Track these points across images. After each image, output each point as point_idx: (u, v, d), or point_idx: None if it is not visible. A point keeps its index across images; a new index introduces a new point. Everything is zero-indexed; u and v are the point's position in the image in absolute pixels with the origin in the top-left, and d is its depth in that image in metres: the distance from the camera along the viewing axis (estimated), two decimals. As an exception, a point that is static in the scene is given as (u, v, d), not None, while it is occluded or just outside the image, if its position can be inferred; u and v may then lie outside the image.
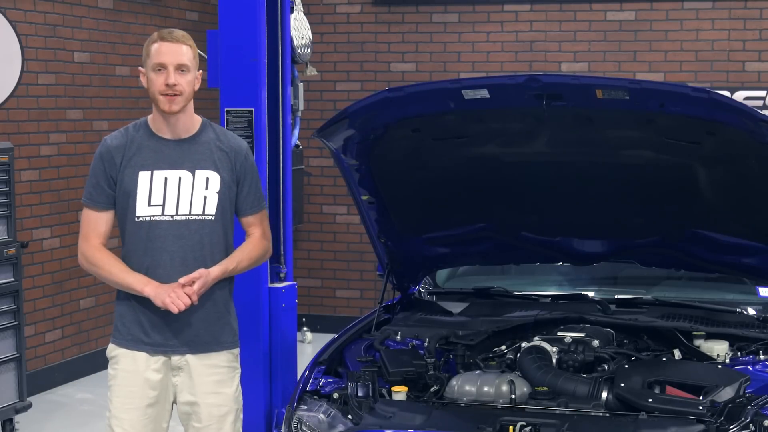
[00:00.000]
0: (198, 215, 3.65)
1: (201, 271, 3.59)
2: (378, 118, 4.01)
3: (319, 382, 3.94)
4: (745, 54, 8.16)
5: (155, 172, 3.63)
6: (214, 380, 3.73)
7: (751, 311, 4.46)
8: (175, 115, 3.65)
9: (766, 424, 3.32)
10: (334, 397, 3.77)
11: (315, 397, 3.84)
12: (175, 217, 3.63)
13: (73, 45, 7.30)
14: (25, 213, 6.84)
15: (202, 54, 5.34)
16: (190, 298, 3.55)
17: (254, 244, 3.80)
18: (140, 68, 3.69)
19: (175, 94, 3.60)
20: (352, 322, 4.63)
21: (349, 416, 3.63)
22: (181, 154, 3.66)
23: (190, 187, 3.64)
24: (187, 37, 3.69)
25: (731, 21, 8.16)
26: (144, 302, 3.62)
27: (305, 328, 8.54)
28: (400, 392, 3.74)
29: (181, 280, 3.57)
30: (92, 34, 7.48)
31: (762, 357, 3.94)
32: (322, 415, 3.70)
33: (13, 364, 5.92)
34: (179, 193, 3.64)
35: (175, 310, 3.53)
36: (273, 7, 4.92)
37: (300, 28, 5.19)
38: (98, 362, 7.54)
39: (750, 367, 3.84)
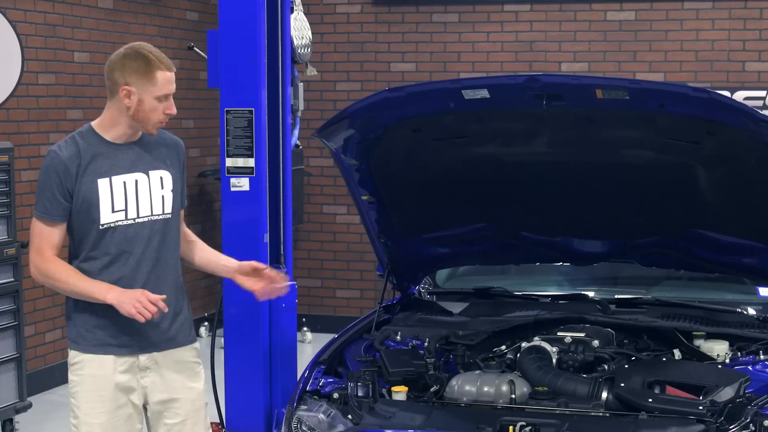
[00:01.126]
0: (159, 215, 3.69)
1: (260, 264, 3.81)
2: (378, 118, 4.02)
3: (319, 382, 3.94)
4: (745, 54, 8.16)
5: (113, 177, 3.63)
6: (185, 376, 3.76)
7: (751, 311, 4.46)
8: None
9: (766, 424, 3.32)
10: (334, 397, 3.77)
11: (315, 397, 3.84)
12: (137, 220, 3.65)
13: (73, 45, 7.30)
14: (25, 213, 6.83)
15: (202, 54, 5.34)
16: (156, 306, 3.51)
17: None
18: (129, 87, 3.57)
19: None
20: (352, 322, 4.63)
21: (349, 416, 3.63)
22: (133, 157, 3.68)
23: (147, 188, 3.68)
24: None
25: (731, 21, 8.16)
26: (108, 305, 3.59)
27: (305, 328, 8.54)
28: (400, 392, 3.74)
29: (254, 265, 3.83)
30: (92, 34, 7.48)
31: (762, 357, 3.94)
32: (322, 415, 3.70)
33: (13, 364, 5.92)
34: (138, 196, 3.66)
35: (141, 319, 3.50)
36: (273, 7, 4.92)
37: (300, 28, 5.19)
38: (98, 362, 7.54)
39: (750, 367, 3.84)
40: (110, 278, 3.61)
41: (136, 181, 3.66)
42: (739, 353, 4.02)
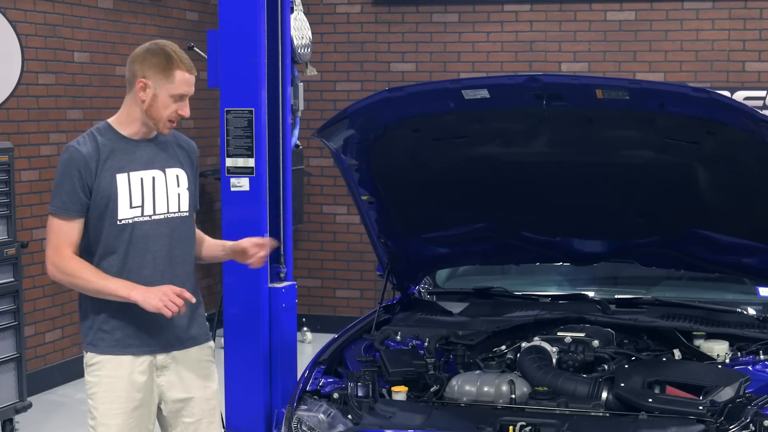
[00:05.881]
0: (174, 213, 3.71)
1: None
2: (378, 118, 4.02)
3: (319, 382, 3.94)
4: (745, 54, 8.16)
5: (131, 173, 3.63)
6: (201, 375, 3.77)
7: (751, 311, 4.46)
8: None
9: (766, 424, 3.32)
10: (334, 397, 3.77)
11: (315, 397, 3.84)
12: (153, 217, 3.66)
13: (73, 45, 7.30)
14: (25, 213, 6.84)
15: (202, 54, 5.34)
16: (182, 298, 3.51)
17: None
18: (146, 80, 3.59)
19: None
20: (352, 322, 4.63)
21: (349, 416, 3.63)
22: (150, 154, 3.69)
23: (164, 185, 3.69)
24: None
25: (731, 21, 8.16)
26: (126, 305, 3.59)
27: (305, 328, 8.54)
28: (400, 392, 3.74)
29: (254, 240, 3.82)
30: (92, 34, 7.48)
31: (762, 357, 3.94)
32: (322, 415, 3.70)
33: (13, 364, 5.92)
34: (155, 193, 3.67)
35: (168, 314, 3.47)
36: (273, 7, 4.92)
37: (300, 28, 5.19)
38: (98, 362, 7.54)
39: (750, 367, 3.84)
40: (127, 276, 3.59)
41: (154, 178, 3.67)
42: (739, 353, 4.02)
